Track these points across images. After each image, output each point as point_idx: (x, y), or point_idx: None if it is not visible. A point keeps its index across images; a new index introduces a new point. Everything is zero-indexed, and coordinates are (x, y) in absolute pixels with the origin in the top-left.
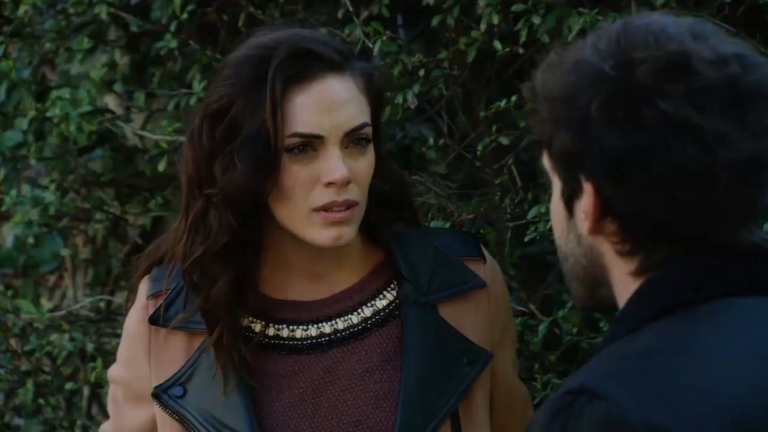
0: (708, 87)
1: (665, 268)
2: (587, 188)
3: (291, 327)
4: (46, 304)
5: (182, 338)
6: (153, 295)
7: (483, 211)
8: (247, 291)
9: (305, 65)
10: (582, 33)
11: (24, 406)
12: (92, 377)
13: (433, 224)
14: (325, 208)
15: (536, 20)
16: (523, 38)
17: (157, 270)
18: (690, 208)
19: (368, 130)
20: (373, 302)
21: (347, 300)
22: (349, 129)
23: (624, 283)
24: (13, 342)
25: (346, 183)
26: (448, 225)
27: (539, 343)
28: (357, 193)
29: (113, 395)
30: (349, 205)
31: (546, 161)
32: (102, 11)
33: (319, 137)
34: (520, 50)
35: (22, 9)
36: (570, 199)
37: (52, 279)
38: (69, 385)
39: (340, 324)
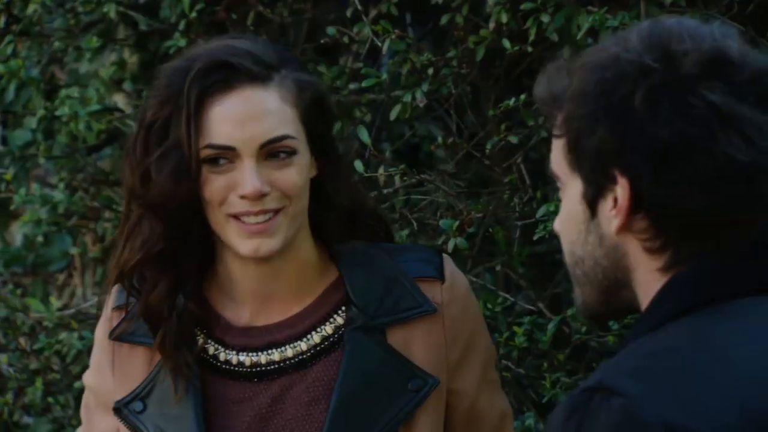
0: (746, 80)
1: (691, 264)
2: (623, 183)
3: (240, 354)
4: (55, 302)
5: (144, 353)
6: (117, 307)
7: (492, 209)
8: (193, 305)
9: (223, 77)
10: (591, 31)
11: (33, 404)
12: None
13: (442, 223)
14: (239, 216)
15: (545, 19)
16: (532, 37)
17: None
18: (730, 200)
19: (291, 142)
20: (322, 327)
21: (298, 325)
22: (264, 141)
23: (649, 281)
24: (22, 340)
25: (258, 196)
26: (456, 224)
27: (548, 342)
28: (279, 201)
29: (86, 400)
30: (271, 216)
31: (561, 164)
32: (111, 10)
33: (231, 149)
34: (529, 49)
35: (31, 8)
36: (594, 198)
37: (61, 277)
38: (78, 384)
39: (289, 351)
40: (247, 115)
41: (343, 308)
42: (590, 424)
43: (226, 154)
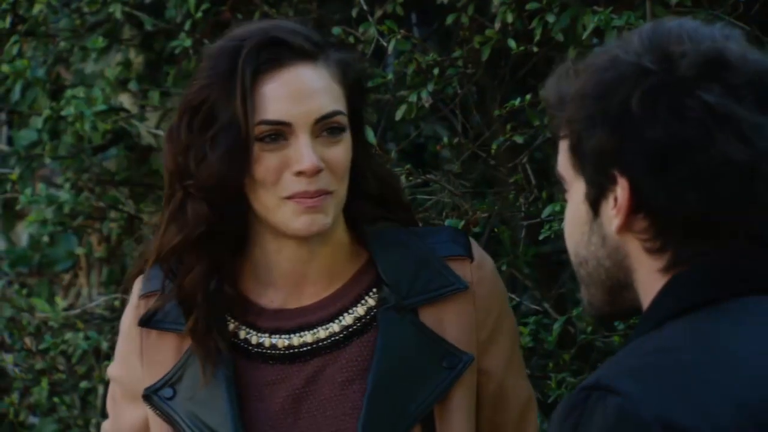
0: (744, 81)
1: (693, 264)
2: (623, 183)
3: (273, 336)
4: (60, 302)
5: (173, 339)
6: (144, 295)
7: (497, 209)
8: (229, 288)
9: (275, 54)
10: (596, 31)
11: (39, 404)
12: (106, 376)
13: (447, 223)
14: (297, 197)
15: (551, 19)
16: (537, 37)
17: (151, 269)
18: (729, 201)
19: (341, 119)
20: (354, 308)
21: (329, 307)
22: (318, 116)
23: (650, 281)
24: (27, 341)
25: (315, 172)
26: (462, 224)
27: (553, 342)
28: (330, 182)
29: (112, 393)
30: (321, 194)
31: (566, 165)
32: (116, 10)
33: (287, 124)
34: (535, 49)
35: (36, 8)
36: (597, 199)
37: (66, 277)
38: (83, 384)
39: (322, 333)
40: (302, 91)
41: (375, 290)
42: (587, 423)
43: (281, 130)
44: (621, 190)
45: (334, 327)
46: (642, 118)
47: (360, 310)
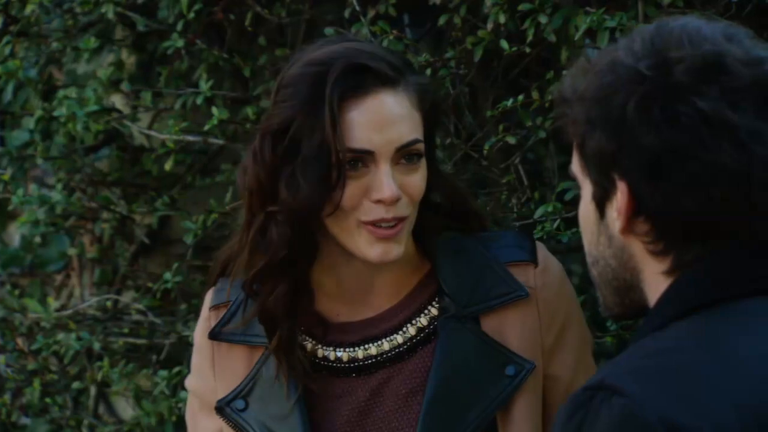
0: (742, 86)
1: (695, 266)
2: (621, 187)
3: (338, 350)
4: (52, 303)
5: (243, 351)
6: (214, 307)
7: (490, 210)
8: (303, 304)
9: (359, 80)
10: (589, 32)
11: (31, 405)
12: (99, 376)
13: None
14: (374, 223)
15: (543, 20)
16: (529, 37)
17: (222, 280)
18: (726, 205)
19: (420, 146)
20: (417, 319)
21: (393, 318)
22: (400, 145)
23: (656, 283)
24: (20, 341)
25: (395, 201)
26: None
27: None
28: (407, 208)
29: (191, 405)
30: (398, 222)
31: (576, 164)
32: (109, 10)
33: (369, 153)
34: (527, 49)
35: (28, 8)
36: (602, 200)
37: (58, 278)
38: (76, 385)
39: (386, 345)
40: (384, 119)
41: (437, 299)
42: (591, 424)
43: (364, 158)
44: (620, 193)
45: (398, 339)
46: (637, 124)
47: (423, 320)
